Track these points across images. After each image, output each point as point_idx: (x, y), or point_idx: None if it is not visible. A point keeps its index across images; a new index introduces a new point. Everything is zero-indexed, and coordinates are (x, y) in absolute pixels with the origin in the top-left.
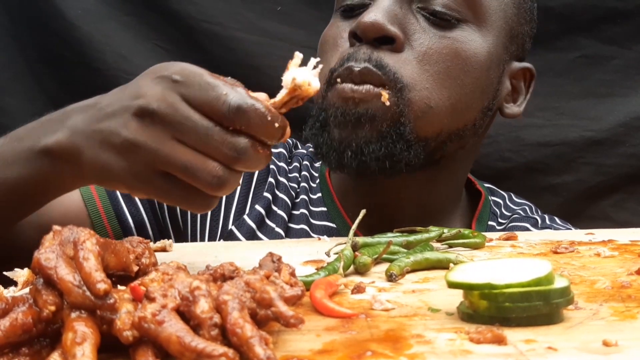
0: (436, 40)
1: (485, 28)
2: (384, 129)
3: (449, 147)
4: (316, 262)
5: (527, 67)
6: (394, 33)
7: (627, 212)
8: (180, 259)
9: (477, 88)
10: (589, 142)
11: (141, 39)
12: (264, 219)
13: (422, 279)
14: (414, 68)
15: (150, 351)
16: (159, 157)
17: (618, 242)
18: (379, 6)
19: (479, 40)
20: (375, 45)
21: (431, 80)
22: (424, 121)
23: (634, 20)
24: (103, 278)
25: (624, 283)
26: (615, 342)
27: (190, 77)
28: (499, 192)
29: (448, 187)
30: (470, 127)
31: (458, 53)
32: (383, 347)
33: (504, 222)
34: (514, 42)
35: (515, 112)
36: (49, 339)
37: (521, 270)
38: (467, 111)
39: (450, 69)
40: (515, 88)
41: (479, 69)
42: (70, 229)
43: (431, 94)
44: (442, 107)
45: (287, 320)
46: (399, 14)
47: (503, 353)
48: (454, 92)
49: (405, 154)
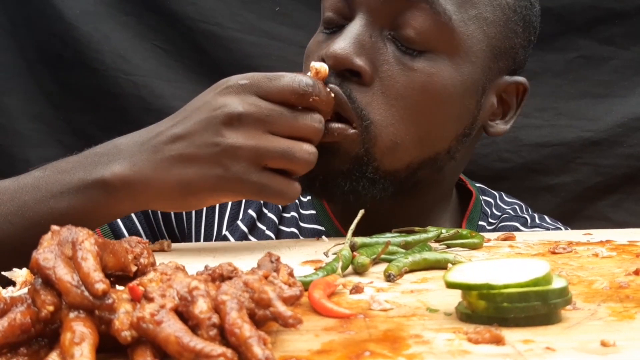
0: (404, 73)
1: (459, 56)
2: (347, 167)
3: (422, 174)
4: (315, 262)
5: (519, 82)
6: (360, 67)
7: (625, 212)
8: (179, 259)
9: (449, 118)
10: (587, 143)
11: (140, 39)
12: (255, 222)
13: (420, 279)
14: (380, 104)
15: (149, 351)
16: (259, 151)
17: (616, 243)
18: (349, 34)
19: (450, 71)
20: (345, 76)
21: (397, 116)
22: (390, 157)
23: (631, 21)
24: (101, 278)
25: (622, 283)
26: (613, 342)
27: (253, 77)
28: (490, 192)
29: (434, 195)
30: (444, 155)
31: (426, 88)
32: (381, 347)
33: (494, 222)
34: (501, 59)
35: (501, 130)
36: (47, 339)
37: (519, 271)
38: (439, 141)
39: (418, 103)
40: (506, 102)
41: (450, 100)
42: (68, 229)
43: (398, 130)
44: (410, 142)
45: (286, 321)
46: (368, 43)
47: (501, 353)
48: (422, 126)
49: (369, 190)
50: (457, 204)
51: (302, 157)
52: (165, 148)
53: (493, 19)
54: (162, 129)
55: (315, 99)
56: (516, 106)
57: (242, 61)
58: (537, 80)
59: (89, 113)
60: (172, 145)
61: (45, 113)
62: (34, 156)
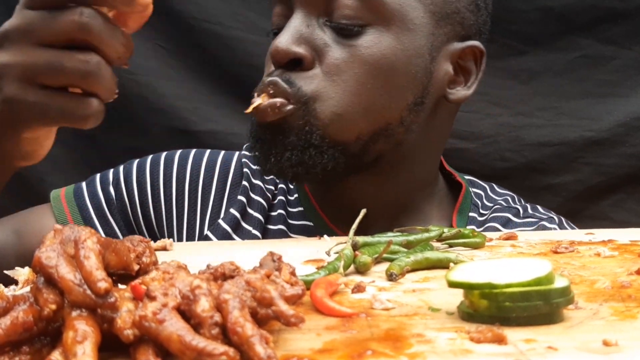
0: (343, 51)
1: (396, 26)
2: (292, 139)
3: (377, 147)
4: (316, 261)
5: (472, 46)
6: (300, 54)
7: (626, 212)
8: (181, 258)
9: (394, 87)
10: (589, 142)
11: (141, 38)
12: (239, 222)
13: (422, 278)
14: (319, 82)
15: (151, 350)
16: (26, 66)
17: (618, 242)
18: (287, 29)
19: (388, 41)
20: (289, 69)
21: (339, 89)
22: (334, 128)
23: (633, 21)
24: (104, 277)
25: (624, 283)
26: (615, 341)
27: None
28: (480, 184)
29: (410, 182)
30: (396, 125)
31: (365, 59)
32: (383, 346)
33: (485, 213)
34: (446, 24)
35: (462, 95)
36: (49, 338)
37: (521, 270)
38: (386, 111)
39: (358, 76)
40: (464, 68)
41: (393, 70)
42: (71, 228)
43: (339, 102)
44: (353, 113)
45: (288, 319)
46: (305, 32)
47: (503, 352)
48: (364, 97)
49: (317, 160)
50: (446, 195)
51: (74, 66)
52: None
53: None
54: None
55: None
56: (476, 71)
57: (244, 60)
58: (538, 80)
59: None
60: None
61: None
62: None
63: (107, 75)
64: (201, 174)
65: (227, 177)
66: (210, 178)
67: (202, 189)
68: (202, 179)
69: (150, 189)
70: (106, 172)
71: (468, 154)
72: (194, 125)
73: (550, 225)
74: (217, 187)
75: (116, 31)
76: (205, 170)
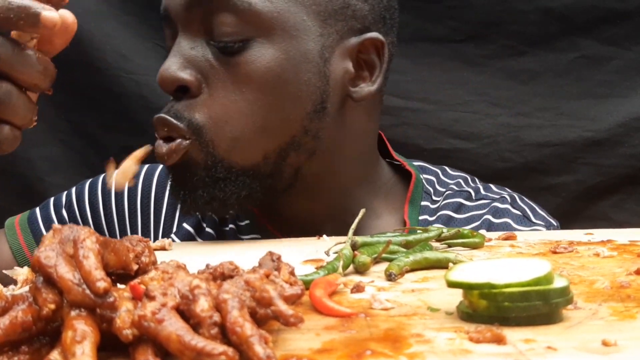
0: (229, 70)
1: (277, 35)
2: (200, 176)
3: (290, 162)
4: (315, 261)
5: (371, 38)
6: (185, 80)
7: (626, 212)
8: (180, 258)
9: (288, 99)
10: (589, 143)
11: (142, 38)
12: (194, 237)
13: (421, 278)
14: (209, 108)
15: (150, 350)
16: None
17: (617, 242)
18: (172, 52)
19: (271, 52)
20: (177, 97)
21: (231, 112)
22: (236, 154)
23: (633, 21)
24: (103, 276)
25: (623, 283)
26: (614, 341)
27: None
28: (431, 169)
29: (345, 184)
30: (301, 136)
31: (249, 76)
32: (382, 346)
33: (437, 200)
34: (336, 21)
35: (366, 92)
36: (48, 337)
37: (520, 270)
38: (286, 125)
39: (245, 94)
40: (368, 62)
41: (281, 81)
42: (70, 227)
43: (234, 126)
44: (250, 134)
45: (287, 319)
46: (191, 55)
47: (502, 352)
48: (258, 116)
49: (228, 191)
50: (394, 186)
51: None
52: None
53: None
54: None
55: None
56: (380, 63)
57: None
58: (538, 80)
59: (90, 112)
60: None
61: (46, 112)
62: (36, 155)
63: (19, 102)
64: (153, 188)
65: None
66: (162, 191)
67: (155, 203)
68: (154, 193)
69: (102, 208)
70: (60, 195)
71: (467, 154)
72: None
73: (502, 206)
74: (169, 201)
75: (29, 57)
76: (157, 184)
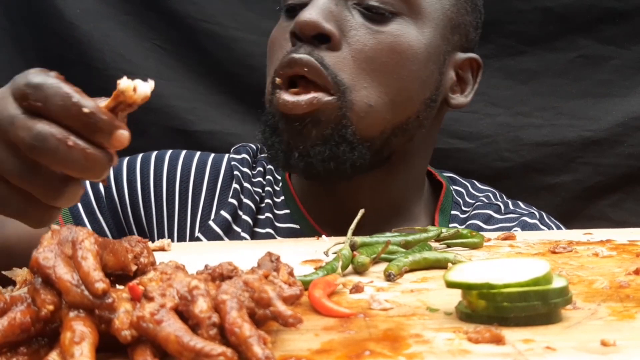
0: (371, 36)
1: (422, 20)
2: (327, 132)
3: (395, 142)
4: (315, 261)
5: (472, 58)
6: (329, 30)
7: (625, 212)
8: (179, 259)
9: (416, 80)
10: (588, 142)
11: (140, 38)
12: (230, 225)
13: (420, 278)
14: (352, 68)
15: (149, 350)
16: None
17: (616, 242)
18: (315, 4)
19: (414, 33)
20: (314, 44)
21: (369, 78)
22: (366, 121)
23: (632, 21)
24: (101, 277)
25: (622, 283)
26: (613, 341)
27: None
28: (461, 181)
29: (406, 182)
30: (413, 120)
31: (394, 47)
32: (381, 346)
33: (467, 210)
34: (455, 32)
35: (462, 102)
36: (47, 339)
37: (519, 270)
38: (408, 104)
39: (386, 64)
40: (462, 79)
41: (417, 61)
42: (68, 229)
43: (370, 92)
44: (382, 104)
45: (286, 320)
46: (334, 10)
47: (501, 353)
48: (392, 87)
49: (349, 155)
50: (429, 195)
51: (5, 168)
52: None
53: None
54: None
55: (37, 102)
56: (473, 82)
57: (242, 60)
58: (537, 80)
59: None
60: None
61: None
62: None
63: (72, 190)
64: (192, 175)
65: (217, 179)
66: (201, 179)
67: (193, 190)
68: (192, 180)
69: (140, 188)
70: None
71: (467, 154)
72: (192, 125)
73: (531, 221)
74: (208, 188)
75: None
76: (196, 172)
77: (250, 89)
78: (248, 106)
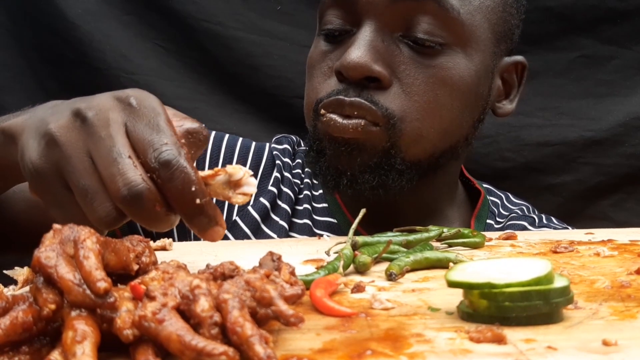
0: (421, 70)
1: (471, 47)
2: (374, 161)
3: (442, 162)
4: (316, 261)
5: (518, 61)
6: (379, 73)
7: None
8: (180, 258)
9: (467, 107)
10: (589, 142)
11: (141, 38)
12: (269, 212)
13: (421, 278)
14: (403, 101)
15: (151, 350)
16: (66, 166)
17: (617, 242)
18: (362, 42)
19: (464, 63)
20: (363, 84)
21: (421, 110)
22: (415, 149)
23: (633, 21)
24: (103, 277)
25: (624, 283)
26: (614, 341)
27: (145, 110)
28: (497, 193)
29: (443, 185)
30: (462, 142)
31: (445, 81)
32: (383, 346)
33: (502, 221)
34: (503, 41)
35: (508, 109)
36: (49, 338)
37: (521, 270)
38: (459, 130)
39: (438, 97)
40: (507, 82)
41: (467, 91)
42: (70, 228)
43: (422, 123)
44: (433, 134)
45: (287, 319)
46: (382, 48)
47: (503, 352)
48: (444, 118)
49: (398, 182)
50: (465, 201)
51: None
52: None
53: (493, 6)
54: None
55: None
56: (518, 84)
57: (243, 60)
58: (538, 80)
59: None
60: (47, 113)
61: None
62: None
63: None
64: (235, 158)
65: (259, 166)
66: (243, 164)
67: None
68: (234, 163)
69: None
70: None
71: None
72: None
73: None
74: None
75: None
76: (239, 155)
77: (251, 89)
78: (249, 106)
